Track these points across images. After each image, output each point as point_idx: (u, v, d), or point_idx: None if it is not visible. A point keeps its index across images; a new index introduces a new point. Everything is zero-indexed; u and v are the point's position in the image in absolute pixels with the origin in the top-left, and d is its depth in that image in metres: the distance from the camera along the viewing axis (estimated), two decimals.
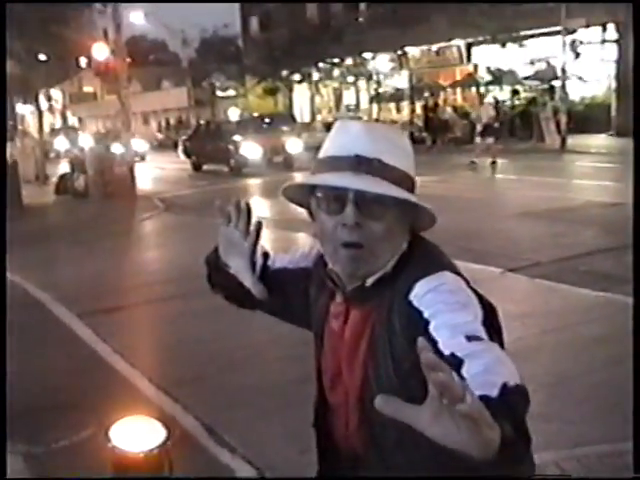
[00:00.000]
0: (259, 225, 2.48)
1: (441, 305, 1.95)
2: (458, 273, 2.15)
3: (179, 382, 7.46)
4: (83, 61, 65.86)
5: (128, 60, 28.01)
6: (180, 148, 40.11)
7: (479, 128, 28.44)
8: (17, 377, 7.73)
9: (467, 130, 37.78)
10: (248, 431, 6.35)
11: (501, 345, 1.95)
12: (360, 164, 2.10)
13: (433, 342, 1.87)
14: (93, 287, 11.93)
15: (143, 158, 43.90)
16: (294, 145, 32.89)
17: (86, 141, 28.02)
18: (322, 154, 2.26)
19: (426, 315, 2.00)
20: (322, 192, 2.19)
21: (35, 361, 8.39)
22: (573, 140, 33.54)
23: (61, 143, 27.71)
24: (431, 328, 1.94)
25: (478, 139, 28.34)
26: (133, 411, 2.66)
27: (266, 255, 2.67)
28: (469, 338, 1.81)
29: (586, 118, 38.50)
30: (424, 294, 2.06)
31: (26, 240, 16.44)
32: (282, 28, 55.81)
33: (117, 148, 40.20)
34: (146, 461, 4.25)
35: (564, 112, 34.18)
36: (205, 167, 35.27)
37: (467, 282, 2.13)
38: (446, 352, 1.85)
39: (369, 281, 2.20)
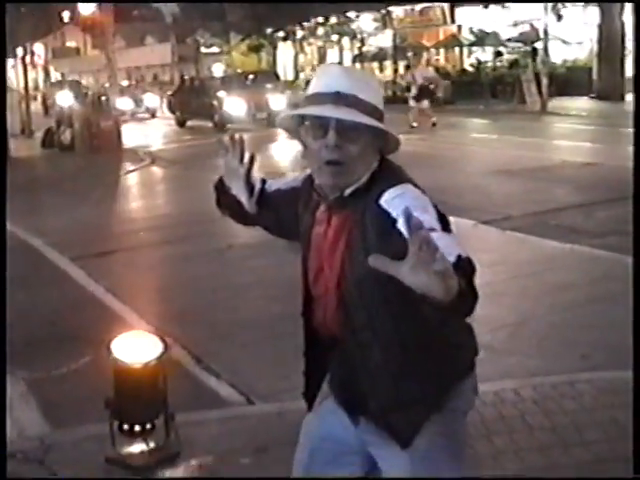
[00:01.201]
0: (252, 155, 3.10)
1: (406, 207, 2.31)
2: (417, 186, 2.68)
3: (168, 317, 7.94)
4: (66, 15, 65.72)
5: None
6: (164, 103, 40.34)
7: (414, 91, 27.90)
8: (16, 314, 8.20)
9: (449, 91, 38.13)
10: (233, 360, 6.85)
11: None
12: (340, 98, 2.60)
13: (400, 234, 2.34)
14: (83, 233, 12.37)
15: (154, 115, 43.55)
16: (277, 102, 32.97)
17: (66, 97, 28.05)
18: (309, 91, 2.73)
19: (394, 215, 2.50)
20: (309, 121, 2.67)
21: (31, 299, 8.85)
22: (554, 102, 33.84)
23: (65, 98, 27.76)
24: (399, 224, 2.41)
25: (412, 102, 27.88)
26: None
27: (264, 181, 3.21)
28: (430, 230, 2.21)
29: (567, 81, 38.77)
30: (392, 199, 2.58)
31: (15, 190, 16.75)
32: None
33: (124, 103, 40.46)
34: (144, 372, 4.78)
35: (546, 74, 34.45)
36: (189, 123, 35.44)
37: (424, 192, 2.66)
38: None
39: (347, 192, 2.70)
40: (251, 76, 38.26)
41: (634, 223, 2.86)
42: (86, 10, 25.52)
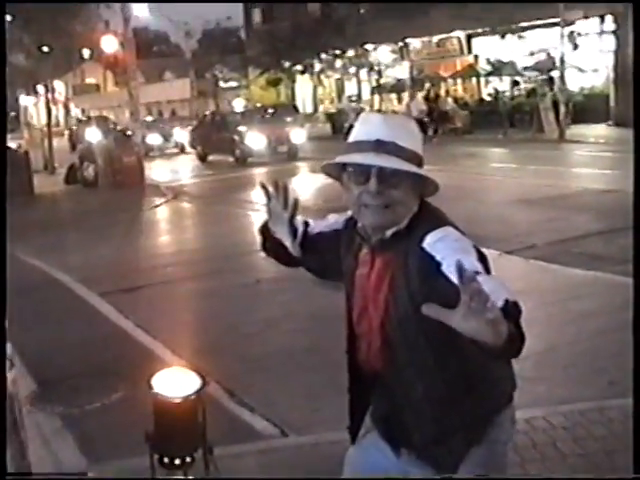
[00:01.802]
0: (296, 201, 3.19)
1: (449, 250, 2.58)
2: (457, 228, 2.79)
3: (199, 352, 8.03)
4: (86, 53, 66.22)
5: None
6: (186, 139, 40.60)
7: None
8: (47, 350, 8.36)
9: (467, 121, 38.31)
10: (265, 394, 6.95)
11: None
12: (380, 146, 2.72)
13: (446, 278, 2.49)
14: (110, 269, 12.50)
15: (183, 149, 43.12)
16: (297, 135, 33.27)
17: (95, 133, 28.33)
18: (351, 139, 2.85)
19: (438, 258, 2.61)
20: (352, 167, 2.80)
21: (62, 335, 8.96)
22: (572, 130, 33.91)
23: (94, 134, 28.06)
24: (443, 268, 2.55)
25: None
26: None
27: (307, 223, 3.33)
28: (475, 273, 2.33)
29: (585, 108, 38.84)
30: (434, 242, 2.68)
31: (41, 227, 17.02)
32: (284, 20, 56.19)
33: (153, 138, 40.60)
34: (184, 406, 4.88)
35: (563, 102, 34.53)
36: (211, 157, 35.61)
37: (464, 234, 2.78)
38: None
39: (388, 233, 2.81)
40: (270, 110, 38.52)
41: (634, 247, 2.95)
42: (109, 48, 25.82)
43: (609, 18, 38.68)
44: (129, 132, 28.90)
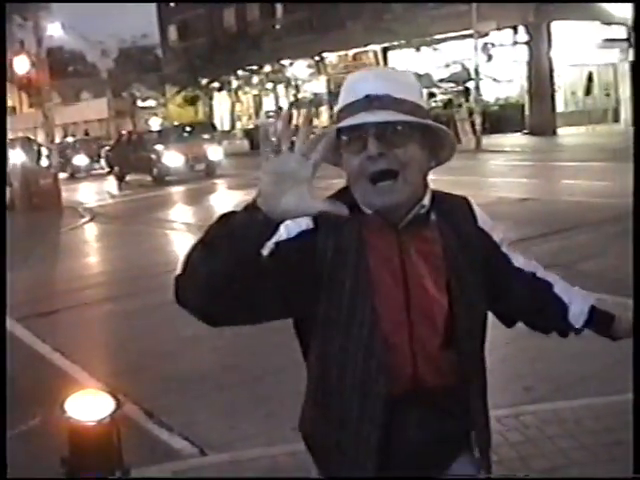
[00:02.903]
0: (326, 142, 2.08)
1: (501, 233, 2.60)
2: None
3: (118, 373, 7.97)
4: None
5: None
6: (102, 159, 40.37)
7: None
8: None
9: None
10: (184, 413, 6.90)
11: None
12: (372, 102, 2.23)
13: (507, 259, 2.60)
14: (27, 293, 12.29)
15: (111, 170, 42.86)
16: (215, 152, 33.30)
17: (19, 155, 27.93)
18: (338, 106, 2.36)
19: (495, 239, 2.57)
20: (345, 135, 2.27)
21: None
22: (488, 140, 34.37)
23: (18, 156, 27.69)
24: (503, 248, 2.60)
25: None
26: None
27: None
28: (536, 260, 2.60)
29: (500, 118, 39.44)
30: (487, 221, 2.56)
31: None
32: (200, 37, 56.22)
33: (80, 159, 39.98)
34: (98, 429, 4.83)
35: (479, 113, 35.01)
36: (128, 177, 35.40)
37: None
38: (524, 268, 2.66)
39: (421, 211, 2.38)
40: (188, 128, 38.44)
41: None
42: (21, 69, 25.46)
43: (522, 29, 39.30)
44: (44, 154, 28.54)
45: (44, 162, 27.12)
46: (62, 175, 38.28)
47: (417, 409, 2.39)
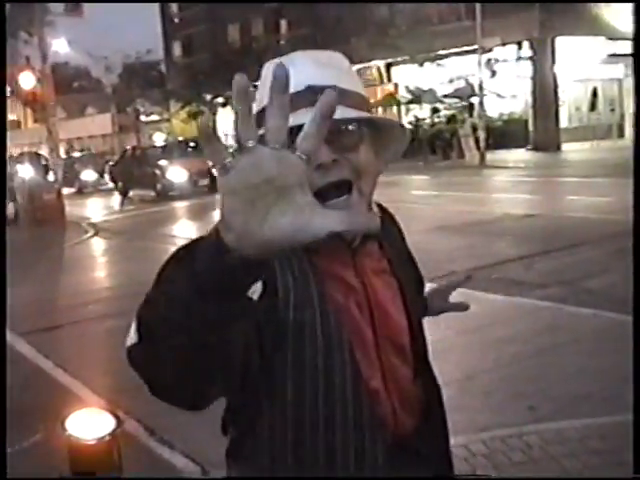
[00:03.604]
0: None
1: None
2: None
3: (119, 390, 7.91)
4: (7, 90, 65.58)
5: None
6: (107, 174, 40.42)
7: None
8: None
9: None
10: (185, 430, 6.87)
11: None
12: (317, 95, 1.33)
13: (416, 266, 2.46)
14: (30, 308, 12.31)
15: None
16: None
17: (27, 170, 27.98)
18: (261, 101, 1.95)
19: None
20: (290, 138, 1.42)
21: None
22: (492, 155, 34.39)
23: (26, 171, 27.81)
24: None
25: None
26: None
27: None
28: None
29: (504, 133, 39.48)
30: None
31: None
32: (205, 52, 56.35)
33: (88, 174, 40.16)
34: (98, 448, 4.81)
35: (482, 128, 35.03)
36: (132, 192, 35.44)
37: None
38: None
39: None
40: (192, 143, 38.45)
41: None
42: (27, 85, 25.52)
43: (526, 45, 39.39)
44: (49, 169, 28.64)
45: (50, 177, 27.16)
46: (70, 190, 38.54)
47: (399, 459, 2.02)
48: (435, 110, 42.66)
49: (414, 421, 2.06)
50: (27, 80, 25.60)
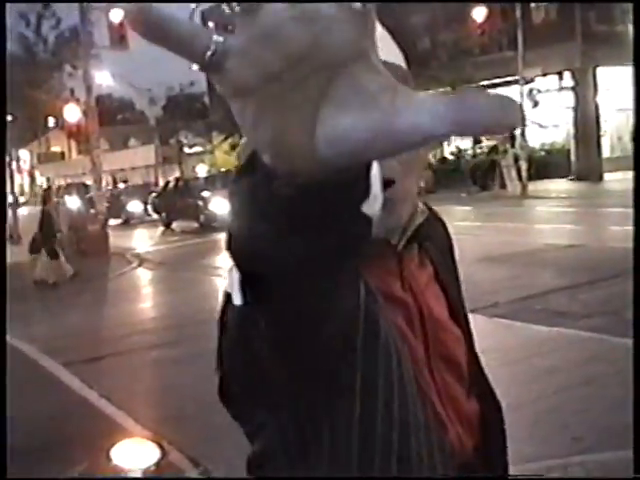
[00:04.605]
0: None
1: None
2: None
3: (163, 421, 8.01)
4: (51, 121, 66.39)
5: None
6: (150, 205, 40.69)
7: None
8: (10, 422, 8.26)
9: (431, 180, 38.58)
10: (229, 461, 6.90)
11: None
12: None
13: None
14: (74, 339, 12.44)
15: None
16: None
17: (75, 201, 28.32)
18: None
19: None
20: None
21: (26, 407, 8.86)
22: (534, 186, 34.25)
23: (74, 202, 28.15)
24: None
25: None
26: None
27: None
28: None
29: (546, 164, 39.35)
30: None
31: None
32: None
33: (134, 205, 40.22)
34: (144, 478, 4.86)
35: (524, 159, 34.93)
36: (175, 224, 35.68)
37: None
38: None
39: (415, 224, 1.74)
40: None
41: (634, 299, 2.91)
42: (72, 117, 25.86)
43: (567, 75, 39.31)
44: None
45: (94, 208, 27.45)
46: (116, 221, 38.84)
47: None
48: (477, 141, 42.58)
49: (474, 441, 1.83)
50: (72, 112, 25.98)
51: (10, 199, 35.51)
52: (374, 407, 1.56)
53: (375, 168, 0.96)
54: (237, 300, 1.16)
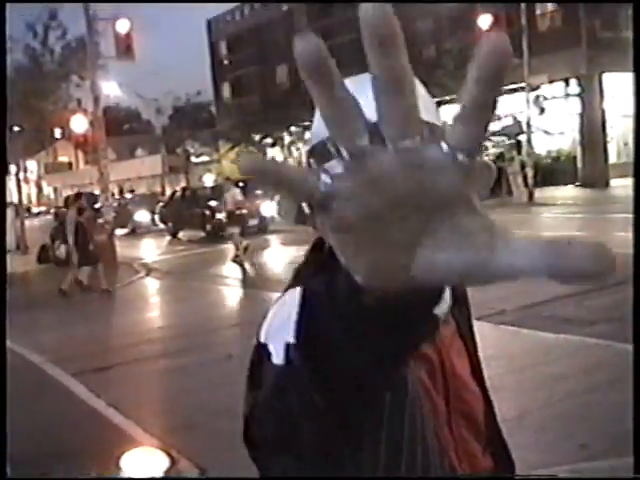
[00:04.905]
0: None
1: None
2: None
3: (171, 429, 8.02)
4: (58, 132, 66.50)
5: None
6: (157, 215, 40.75)
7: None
8: (19, 431, 8.29)
9: None
10: (237, 470, 6.92)
11: None
12: None
13: None
14: (82, 348, 12.46)
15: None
16: (268, 208, 33.44)
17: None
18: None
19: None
20: None
21: (34, 416, 8.92)
22: (540, 192, 34.26)
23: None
24: None
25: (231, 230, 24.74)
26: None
27: None
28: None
29: (553, 170, 39.39)
30: None
31: (12, 307, 16.93)
32: (253, 94, 56.93)
33: (142, 215, 40.25)
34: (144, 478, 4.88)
35: (531, 166, 34.94)
36: (182, 233, 35.73)
37: None
38: None
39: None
40: (241, 184, 38.72)
41: (634, 306, 2.92)
42: (79, 128, 25.91)
43: (573, 81, 39.34)
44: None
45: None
46: (123, 231, 38.89)
47: None
48: (483, 148, 42.58)
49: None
50: (79, 123, 26.03)
51: (11, 211, 35.55)
52: (399, 461, 1.57)
53: None
54: (279, 360, 1.23)
